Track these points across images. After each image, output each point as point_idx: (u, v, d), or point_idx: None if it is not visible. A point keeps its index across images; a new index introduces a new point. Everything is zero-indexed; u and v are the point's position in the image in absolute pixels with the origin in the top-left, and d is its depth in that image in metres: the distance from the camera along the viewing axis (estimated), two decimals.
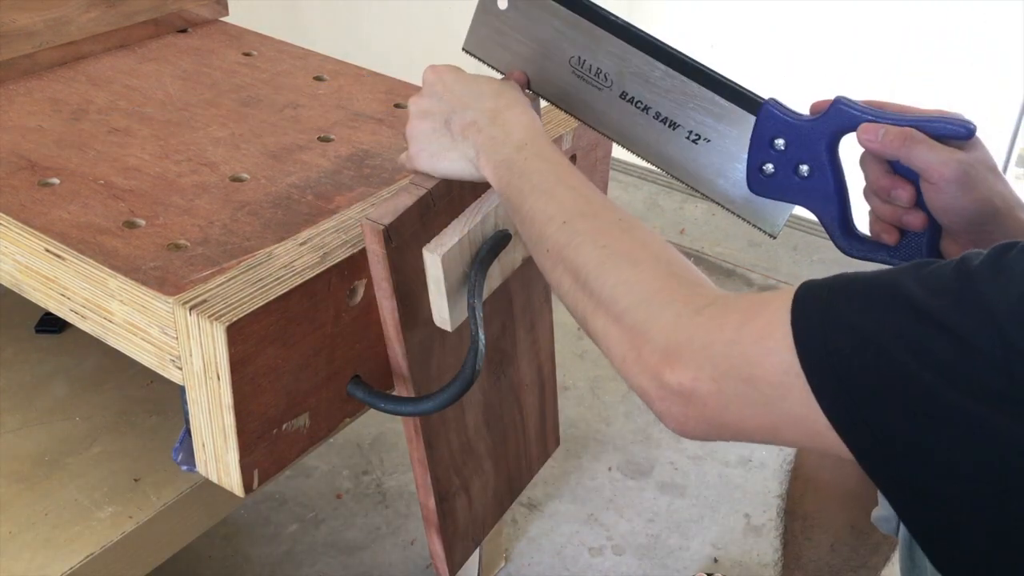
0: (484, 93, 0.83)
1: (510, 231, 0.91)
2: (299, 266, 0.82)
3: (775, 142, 0.81)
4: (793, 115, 0.81)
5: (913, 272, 0.57)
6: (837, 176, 0.80)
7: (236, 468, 0.81)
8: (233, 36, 1.33)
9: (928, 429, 0.54)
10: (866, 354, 0.55)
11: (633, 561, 1.59)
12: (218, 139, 1.06)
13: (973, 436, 0.53)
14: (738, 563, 1.60)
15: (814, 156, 0.79)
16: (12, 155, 0.99)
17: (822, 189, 0.80)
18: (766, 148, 0.82)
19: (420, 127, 0.85)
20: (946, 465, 0.54)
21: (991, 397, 0.52)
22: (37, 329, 1.23)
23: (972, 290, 0.54)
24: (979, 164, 0.72)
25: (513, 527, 1.64)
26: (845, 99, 0.77)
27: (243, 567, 1.56)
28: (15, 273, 0.93)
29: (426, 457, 0.95)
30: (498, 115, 0.81)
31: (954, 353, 0.53)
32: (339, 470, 1.74)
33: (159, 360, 0.84)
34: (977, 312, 0.53)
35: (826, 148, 0.79)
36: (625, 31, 0.86)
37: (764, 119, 0.81)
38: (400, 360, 0.89)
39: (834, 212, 0.81)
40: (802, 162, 0.80)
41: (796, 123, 0.80)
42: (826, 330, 0.57)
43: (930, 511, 0.57)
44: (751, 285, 2.36)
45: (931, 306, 0.54)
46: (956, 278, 0.55)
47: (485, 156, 0.80)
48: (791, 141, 0.80)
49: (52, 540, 0.95)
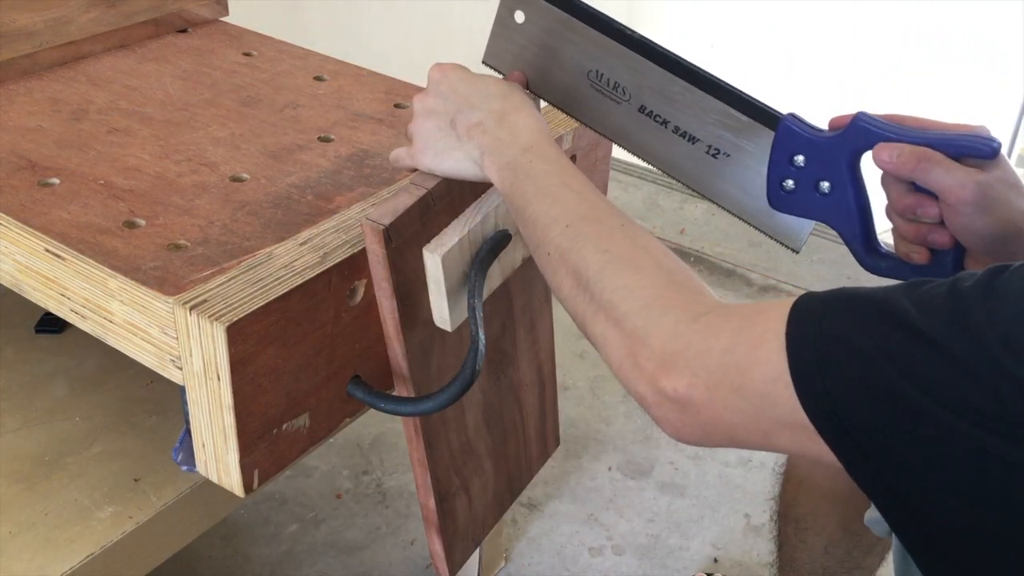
0: (491, 94, 0.83)
1: (510, 231, 0.91)
2: (299, 266, 0.82)
3: (795, 158, 0.80)
4: (812, 131, 0.79)
5: (908, 290, 0.57)
6: (858, 193, 0.78)
7: (236, 468, 0.81)
8: (233, 36, 1.33)
9: (914, 444, 0.54)
10: (856, 367, 0.56)
11: (633, 561, 1.59)
12: (218, 139, 1.06)
13: (959, 453, 0.53)
14: (738, 563, 1.60)
15: (834, 173, 0.78)
16: (12, 155, 0.99)
17: (843, 206, 0.79)
18: (786, 164, 0.80)
19: (424, 125, 0.85)
20: (931, 480, 0.55)
21: (978, 416, 0.52)
22: (37, 329, 1.23)
23: (963, 311, 0.54)
24: (999, 183, 0.70)
25: (513, 527, 1.64)
26: (865, 115, 0.75)
27: (243, 567, 1.56)
28: (15, 273, 0.93)
29: (426, 457, 0.95)
30: (505, 117, 0.81)
31: (943, 371, 0.53)
32: (339, 470, 1.74)
33: (159, 360, 0.84)
34: (967, 333, 0.53)
35: (847, 165, 0.77)
36: (642, 46, 0.86)
37: (783, 135, 0.80)
38: (400, 360, 0.89)
39: (856, 230, 0.79)
40: (823, 179, 0.79)
41: (815, 140, 0.79)
42: (819, 342, 0.57)
43: (917, 522, 0.58)
44: (751, 285, 2.36)
45: (923, 324, 0.54)
46: (948, 298, 0.55)
47: (491, 157, 0.80)
48: (811, 157, 0.79)
49: (52, 540, 0.95)
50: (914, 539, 0.59)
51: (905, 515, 0.58)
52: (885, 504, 0.58)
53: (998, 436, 0.51)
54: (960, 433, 0.52)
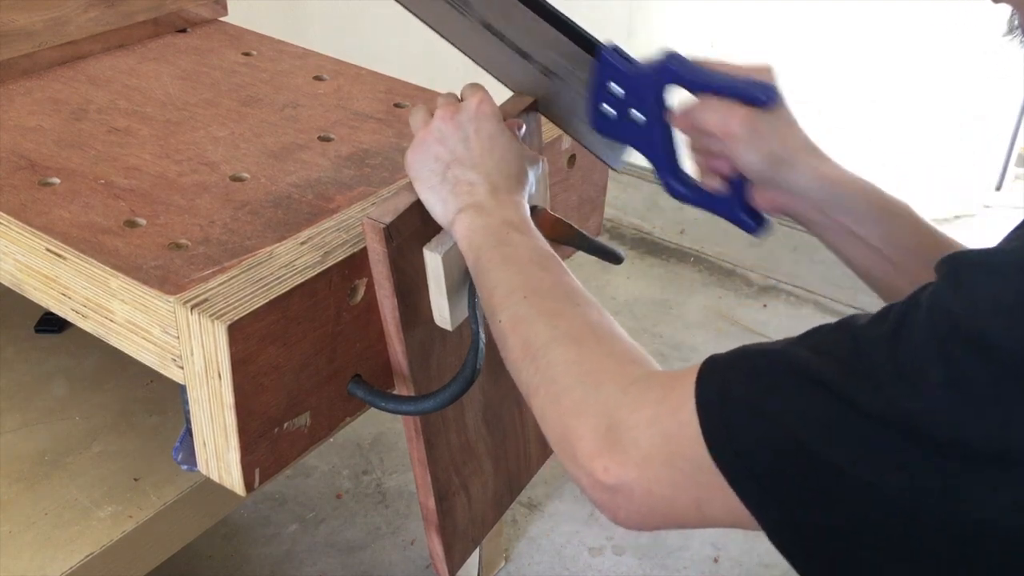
0: (500, 166, 0.82)
1: None
2: (300, 265, 0.82)
3: (612, 87, 0.86)
4: (627, 64, 0.86)
5: (803, 341, 0.58)
6: (663, 125, 0.85)
7: (237, 467, 0.81)
8: (233, 36, 1.33)
9: (822, 494, 0.54)
10: (759, 428, 0.56)
11: (633, 561, 1.59)
12: (218, 139, 1.06)
13: (862, 498, 0.53)
14: (738, 563, 1.60)
15: (644, 104, 0.85)
16: (12, 155, 0.99)
17: (651, 135, 0.86)
18: (604, 92, 0.87)
19: (427, 148, 0.83)
20: (842, 527, 0.54)
21: (874, 457, 0.52)
22: (37, 329, 1.23)
23: (857, 354, 0.54)
24: (767, 121, 0.77)
25: (513, 527, 1.64)
26: (674, 57, 0.82)
27: (243, 567, 1.56)
28: (16, 273, 0.93)
29: (426, 457, 0.95)
30: (498, 192, 0.81)
31: (840, 417, 0.53)
32: (339, 470, 1.74)
33: (160, 359, 0.84)
34: (865, 377, 0.53)
35: (654, 99, 0.84)
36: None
37: (602, 64, 0.86)
38: (400, 359, 0.89)
39: (661, 157, 0.86)
40: (634, 108, 0.86)
41: (627, 72, 0.85)
42: (724, 407, 0.58)
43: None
44: (751, 285, 2.36)
45: (821, 373, 0.54)
46: (843, 342, 0.55)
47: (466, 217, 0.79)
48: (626, 88, 0.86)
49: (52, 539, 0.95)
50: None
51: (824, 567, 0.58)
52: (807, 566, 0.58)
53: (905, 473, 0.51)
54: (863, 480, 0.52)
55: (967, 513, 0.51)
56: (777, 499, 0.56)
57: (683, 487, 0.60)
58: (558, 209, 1.09)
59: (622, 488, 0.61)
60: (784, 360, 0.57)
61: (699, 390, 0.59)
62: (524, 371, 0.71)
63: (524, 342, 0.71)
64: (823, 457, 0.53)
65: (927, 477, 0.51)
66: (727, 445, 0.57)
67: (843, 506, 0.54)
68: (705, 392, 0.59)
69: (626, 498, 0.61)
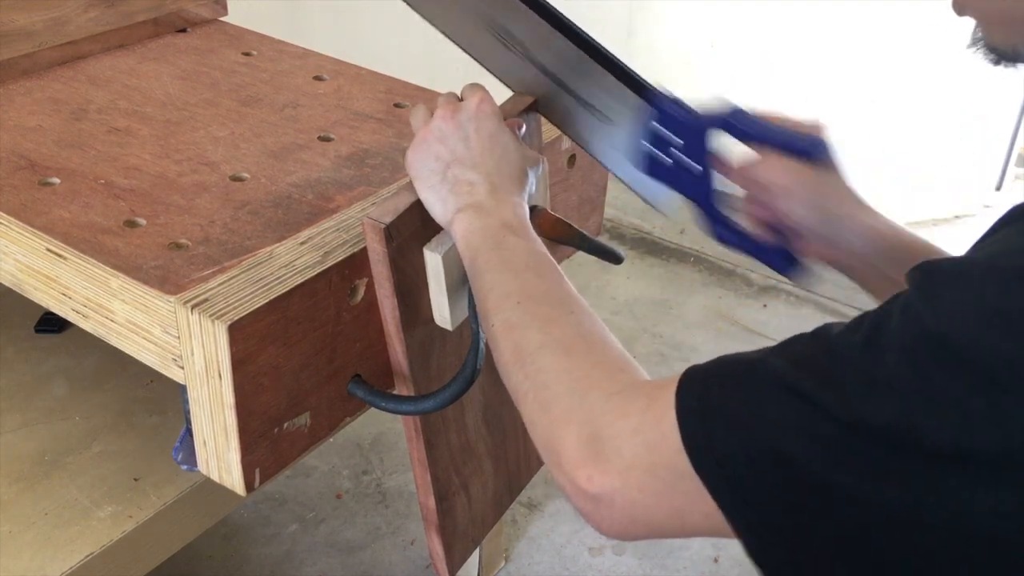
0: (501, 166, 0.82)
1: None
2: (300, 265, 0.83)
3: (663, 132, 0.88)
4: (686, 114, 0.86)
5: (781, 351, 0.58)
6: (711, 171, 0.86)
7: (237, 467, 0.81)
8: (233, 36, 1.33)
9: (795, 505, 0.54)
10: (738, 438, 0.56)
11: (633, 561, 1.59)
12: (218, 139, 1.06)
13: (836, 505, 0.53)
14: (738, 563, 1.60)
15: (699, 153, 0.86)
16: (12, 155, 0.99)
17: (704, 184, 0.87)
18: (655, 137, 0.88)
19: (427, 147, 0.83)
20: (815, 534, 0.54)
21: (850, 465, 0.52)
22: (37, 329, 1.23)
23: (832, 363, 0.54)
24: (817, 178, 0.80)
25: (513, 527, 1.64)
26: (737, 111, 0.83)
27: (243, 567, 1.56)
28: (16, 273, 0.93)
29: (426, 457, 0.95)
30: (498, 191, 0.81)
31: (816, 426, 0.53)
32: (339, 470, 1.74)
33: (161, 359, 0.84)
34: (840, 386, 0.53)
35: (704, 144, 0.86)
36: (537, 4, 0.90)
37: (662, 114, 0.87)
38: (401, 359, 0.89)
39: (712, 205, 0.88)
40: (688, 155, 0.87)
41: (686, 122, 0.86)
42: (703, 417, 0.58)
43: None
44: (751, 285, 2.36)
45: (798, 382, 0.54)
46: (819, 351, 0.55)
47: (465, 217, 0.79)
48: (682, 137, 0.87)
49: (52, 539, 0.95)
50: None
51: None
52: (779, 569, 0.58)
53: (880, 481, 0.51)
54: (840, 488, 0.52)
55: (945, 520, 0.50)
56: (755, 507, 0.56)
57: (665, 496, 0.59)
58: (558, 209, 1.10)
59: (604, 497, 0.61)
60: (762, 370, 0.57)
61: (679, 400, 0.59)
62: (514, 376, 0.71)
63: (516, 347, 0.71)
64: (800, 466, 0.53)
65: (902, 484, 0.51)
66: (707, 454, 0.57)
67: (819, 514, 0.54)
68: (685, 402, 0.59)
69: (608, 507, 0.62)
